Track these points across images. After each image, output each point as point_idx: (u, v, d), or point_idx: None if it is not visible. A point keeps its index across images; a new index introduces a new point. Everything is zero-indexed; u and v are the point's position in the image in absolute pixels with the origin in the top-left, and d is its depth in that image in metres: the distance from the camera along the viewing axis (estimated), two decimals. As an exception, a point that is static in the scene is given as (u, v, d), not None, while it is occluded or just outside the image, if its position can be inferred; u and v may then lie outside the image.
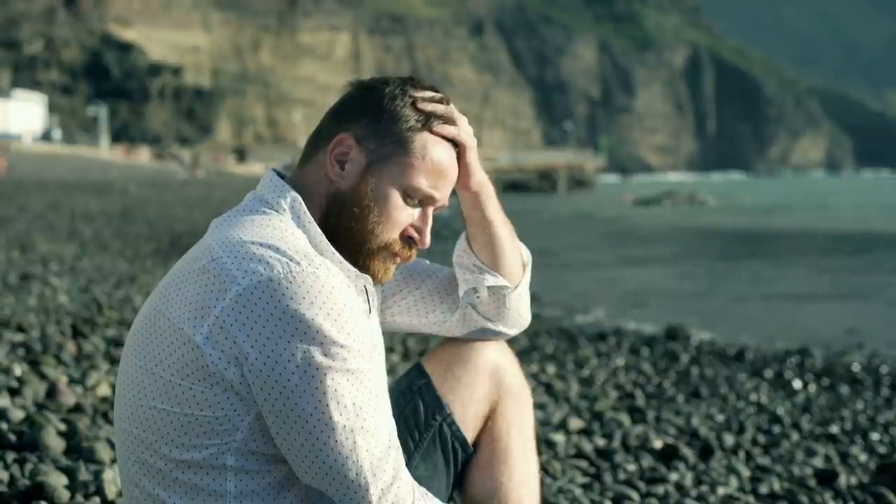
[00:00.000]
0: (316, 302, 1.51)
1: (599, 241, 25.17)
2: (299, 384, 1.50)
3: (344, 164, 1.69)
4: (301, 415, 1.50)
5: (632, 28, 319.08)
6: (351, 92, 1.74)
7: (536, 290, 13.24)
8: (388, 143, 1.68)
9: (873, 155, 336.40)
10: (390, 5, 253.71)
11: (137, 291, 9.21)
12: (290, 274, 1.51)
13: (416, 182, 1.69)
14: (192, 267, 1.60)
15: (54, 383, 4.20)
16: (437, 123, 1.72)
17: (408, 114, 1.70)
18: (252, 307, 1.50)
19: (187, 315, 1.54)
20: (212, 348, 1.52)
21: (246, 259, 1.54)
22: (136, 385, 1.61)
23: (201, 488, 1.58)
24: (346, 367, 1.52)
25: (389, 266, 1.73)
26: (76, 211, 21.99)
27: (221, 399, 1.54)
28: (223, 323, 1.51)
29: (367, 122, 1.69)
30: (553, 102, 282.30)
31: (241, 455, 1.57)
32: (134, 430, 1.62)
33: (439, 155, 1.72)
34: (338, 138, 1.69)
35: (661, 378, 7.08)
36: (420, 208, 1.72)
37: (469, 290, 1.93)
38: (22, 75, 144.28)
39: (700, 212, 43.94)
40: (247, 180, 56.74)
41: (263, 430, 1.56)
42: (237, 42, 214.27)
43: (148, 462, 1.60)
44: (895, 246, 23.24)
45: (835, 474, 4.28)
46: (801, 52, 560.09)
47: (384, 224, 1.68)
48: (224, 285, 1.52)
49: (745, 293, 14.05)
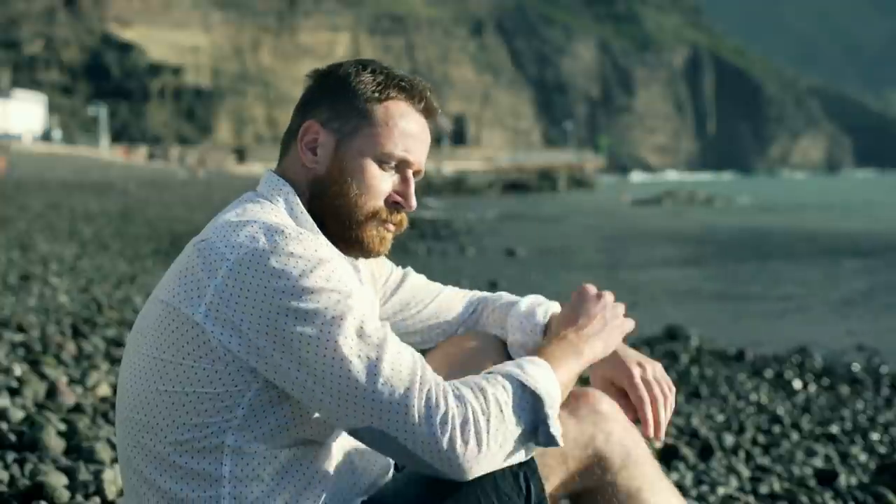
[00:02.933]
0: (302, 260, 1.54)
1: (598, 242, 25.16)
2: (303, 340, 1.52)
3: (315, 150, 1.75)
4: (317, 367, 1.53)
5: (632, 28, 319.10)
6: (309, 83, 1.80)
7: (536, 291, 13.21)
8: (352, 119, 1.73)
9: (873, 155, 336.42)
10: (390, 5, 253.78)
11: (137, 291, 9.22)
12: (275, 240, 1.55)
13: (386, 149, 1.73)
14: (187, 251, 1.65)
15: (54, 383, 4.21)
16: (395, 89, 1.75)
17: (364, 87, 1.74)
18: (244, 278, 1.54)
19: (183, 295, 1.58)
20: (212, 324, 1.55)
21: (233, 235, 1.59)
22: (138, 371, 1.64)
23: (197, 472, 1.60)
24: (344, 309, 1.54)
25: (384, 235, 1.76)
26: (76, 211, 21.99)
27: (223, 374, 1.57)
28: (220, 298, 1.54)
29: (328, 104, 1.75)
30: (553, 102, 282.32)
31: (242, 433, 1.59)
32: (135, 415, 1.64)
33: (404, 119, 1.75)
34: (304, 127, 1.75)
35: (661, 378, 7.07)
36: (399, 174, 1.76)
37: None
38: (22, 75, 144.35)
39: (700, 212, 43.94)
40: (246, 181, 56.79)
41: (264, 407, 1.59)
42: (237, 42, 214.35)
43: (147, 446, 1.62)
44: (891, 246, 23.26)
45: (835, 474, 4.28)
46: (801, 52, 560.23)
47: (366, 195, 1.72)
48: (215, 263, 1.57)
49: (745, 293, 14.05)
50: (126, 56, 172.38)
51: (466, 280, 12.84)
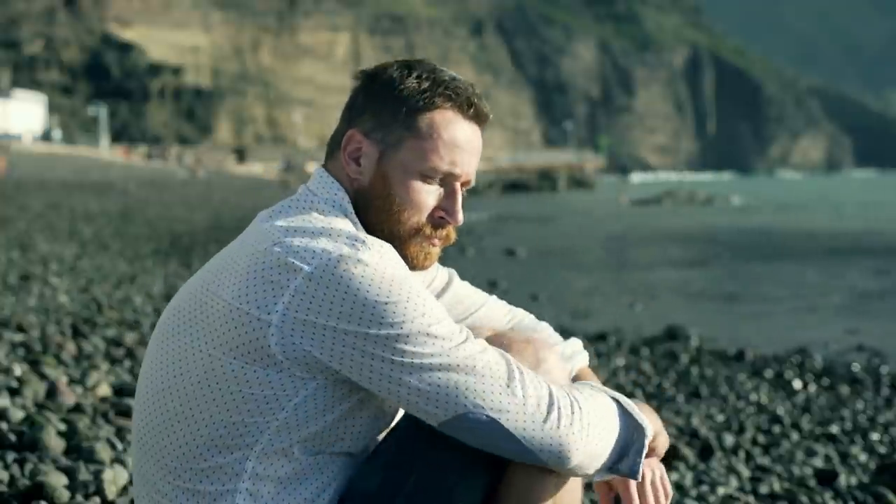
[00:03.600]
0: (381, 268, 1.54)
1: (598, 242, 25.16)
2: (389, 344, 1.53)
3: (359, 160, 1.70)
4: (406, 366, 1.54)
5: (632, 28, 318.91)
6: (356, 85, 1.73)
7: (536, 291, 13.24)
8: (395, 130, 1.67)
9: (873, 155, 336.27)
10: (390, 5, 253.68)
11: (137, 291, 9.22)
12: (358, 252, 1.54)
13: (431, 162, 1.67)
14: (251, 250, 1.60)
15: (54, 383, 4.20)
16: (441, 97, 1.69)
17: (408, 95, 1.67)
18: (327, 284, 1.52)
19: (252, 297, 1.55)
20: (287, 328, 1.53)
21: (312, 242, 1.56)
22: (178, 361, 1.62)
23: (220, 465, 1.59)
24: (425, 311, 1.55)
25: (429, 250, 1.72)
26: (76, 211, 21.98)
27: (273, 379, 1.56)
28: (300, 302, 1.53)
29: (371, 113, 1.69)
30: (553, 102, 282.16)
31: (278, 436, 1.58)
32: (169, 403, 1.62)
33: (450, 128, 1.68)
34: (347, 136, 1.70)
35: (661, 378, 7.08)
36: (445, 187, 1.71)
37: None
38: (22, 75, 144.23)
39: (700, 212, 43.92)
40: (246, 181, 56.77)
41: (308, 415, 1.58)
42: (237, 42, 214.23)
43: (175, 435, 1.61)
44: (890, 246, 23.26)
45: (835, 474, 4.28)
46: (801, 52, 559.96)
47: (409, 210, 1.68)
48: (293, 266, 1.54)
49: (745, 293, 14.05)
50: (126, 56, 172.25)
51: (466, 281, 12.81)
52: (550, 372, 1.72)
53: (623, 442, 1.63)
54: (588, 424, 1.58)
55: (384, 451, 1.66)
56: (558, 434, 1.56)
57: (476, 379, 1.55)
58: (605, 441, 1.61)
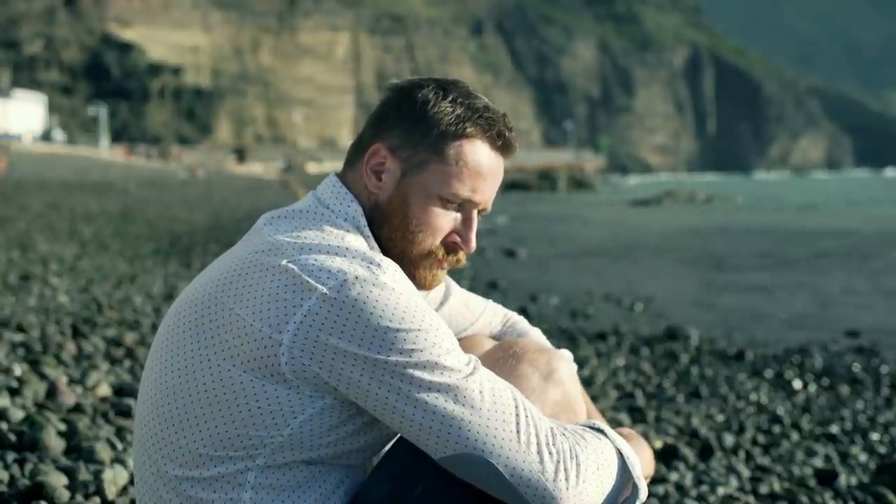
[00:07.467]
0: (395, 293, 1.52)
1: (598, 242, 25.15)
2: (397, 371, 1.51)
3: (380, 175, 1.68)
4: (412, 398, 1.51)
5: (632, 28, 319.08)
6: (387, 97, 1.71)
7: (536, 291, 13.24)
8: (422, 151, 1.66)
9: (873, 155, 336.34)
10: (390, 5, 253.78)
11: (137, 291, 9.21)
12: (374, 275, 1.52)
13: (452, 188, 1.66)
14: (263, 263, 1.58)
15: (54, 383, 4.20)
16: (473, 125, 1.67)
17: (441, 119, 1.66)
18: (340, 307, 1.50)
19: (265, 314, 1.53)
20: (297, 347, 1.51)
21: (328, 261, 1.54)
22: (183, 368, 1.60)
23: (223, 475, 1.58)
24: (435, 340, 1.53)
25: (437, 273, 1.72)
26: (76, 211, 21.98)
27: (281, 395, 1.54)
28: (312, 323, 1.51)
29: (401, 130, 1.67)
30: (553, 102, 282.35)
31: (281, 451, 1.57)
32: (173, 409, 1.61)
33: (477, 158, 1.67)
34: (372, 149, 1.68)
35: (661, 378, 7.08)
36: (462, 213, 1.70)
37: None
38: (22, 75, 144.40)
39: (700, 212, 43.93)
40: (246, 181, 56.80)
41: (313, 431, 1.57)
42: (237, 42, 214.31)
43: (177, 443, 1.60)
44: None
45: (835, 474, 4.29)
46: (800, 52, 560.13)
47: (423, 232, 1.67)
48: (308, 285, 1.52)
49: (745, 293, 14.05)
50: (126, 56, 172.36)
51: (466, 281, 12.82)
52: (563, 383, 1.72)
53: (613, 498, 1.61)
54: (584, 481, 1.56)
55: (392, 459, 1.65)
56: (554, 486, 1.53)
57: (480, 419, 1.52)
58: (597, 496, 1.59)
